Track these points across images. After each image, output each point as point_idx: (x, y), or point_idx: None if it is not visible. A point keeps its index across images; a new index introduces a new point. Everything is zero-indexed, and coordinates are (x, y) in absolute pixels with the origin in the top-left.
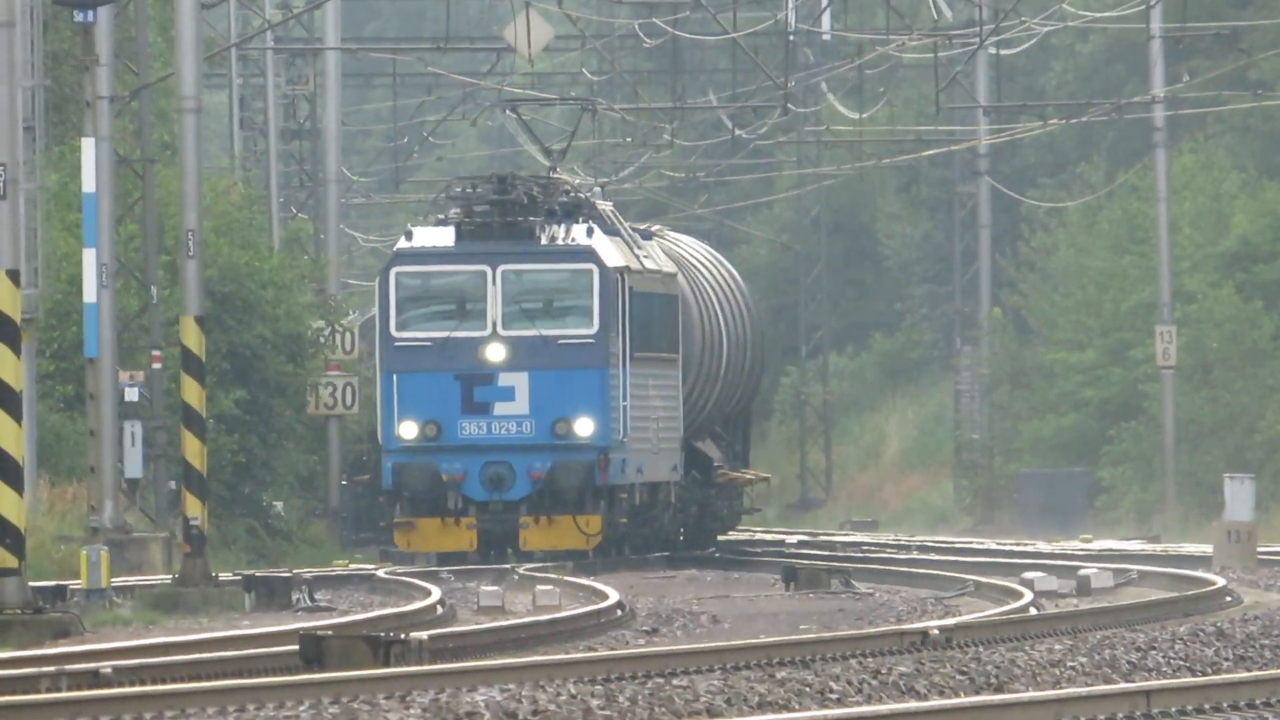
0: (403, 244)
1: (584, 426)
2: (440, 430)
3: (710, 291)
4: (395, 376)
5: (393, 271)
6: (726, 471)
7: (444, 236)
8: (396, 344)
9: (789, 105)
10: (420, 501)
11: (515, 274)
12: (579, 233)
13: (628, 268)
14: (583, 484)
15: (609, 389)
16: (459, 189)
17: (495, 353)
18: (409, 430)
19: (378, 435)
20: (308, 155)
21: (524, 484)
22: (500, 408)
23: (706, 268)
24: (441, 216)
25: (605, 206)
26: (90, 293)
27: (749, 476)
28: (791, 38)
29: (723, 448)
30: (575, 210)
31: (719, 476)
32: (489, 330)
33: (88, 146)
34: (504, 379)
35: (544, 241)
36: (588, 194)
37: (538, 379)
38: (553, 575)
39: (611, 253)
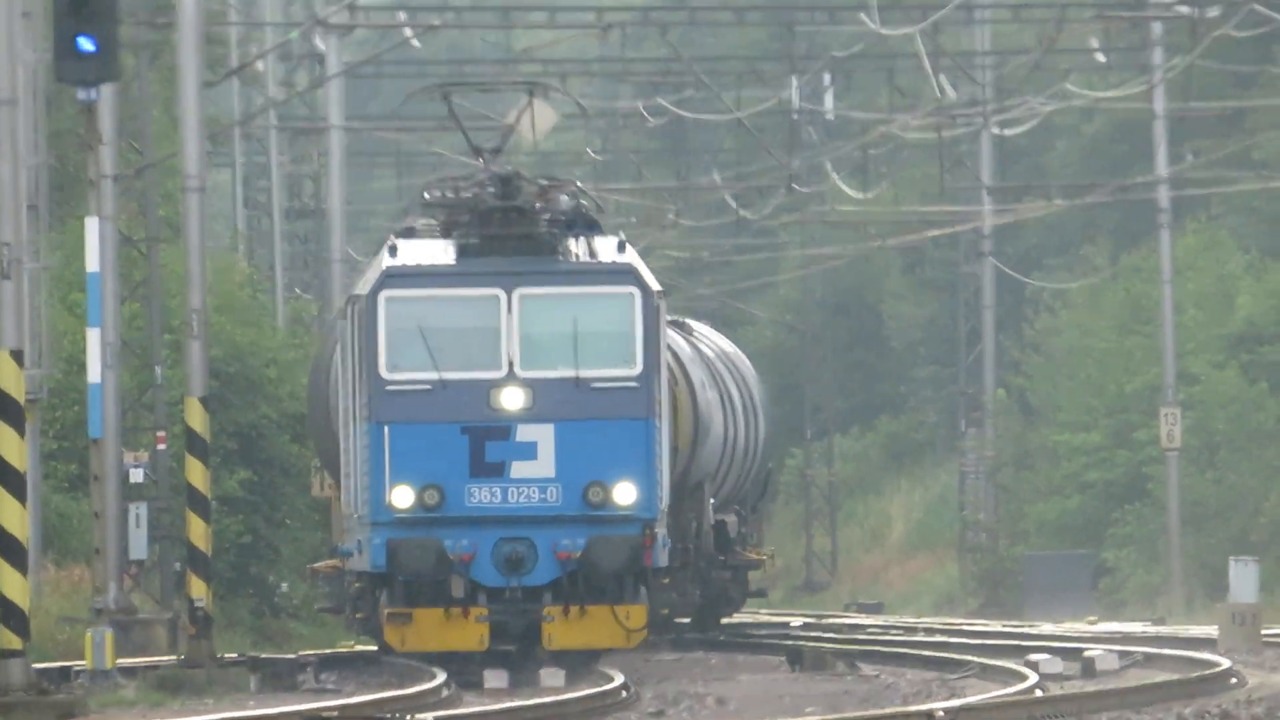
0: (389, 262)
1: (625, 493)
2: (443, 497)
3: None
4: (386, 428)
5: (381, 296)
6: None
7: (441, 253)
8: (388, 387)
9: (793, 185)
10: (419, 588)
11: (537, 299)
12: (607, 246)
13: (665, 292)
14: (625, 566)
15: (654, 446)
16: (438, 192)
17: (512, 399)
18: (403, 497)
19: (347, 503)
20: (312, 234)
21: (549, 566)
22: (518, 469)
23: None
24: (412, 226)
25: None
26: (94, 373)
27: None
28: (795, 117)
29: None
30: (589, 218)
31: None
32: (504, 370)
33: (91, 225)
34: (523, 432)
35: (569, 258)
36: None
37: (565, 432)
38: None
39: (648, 273)
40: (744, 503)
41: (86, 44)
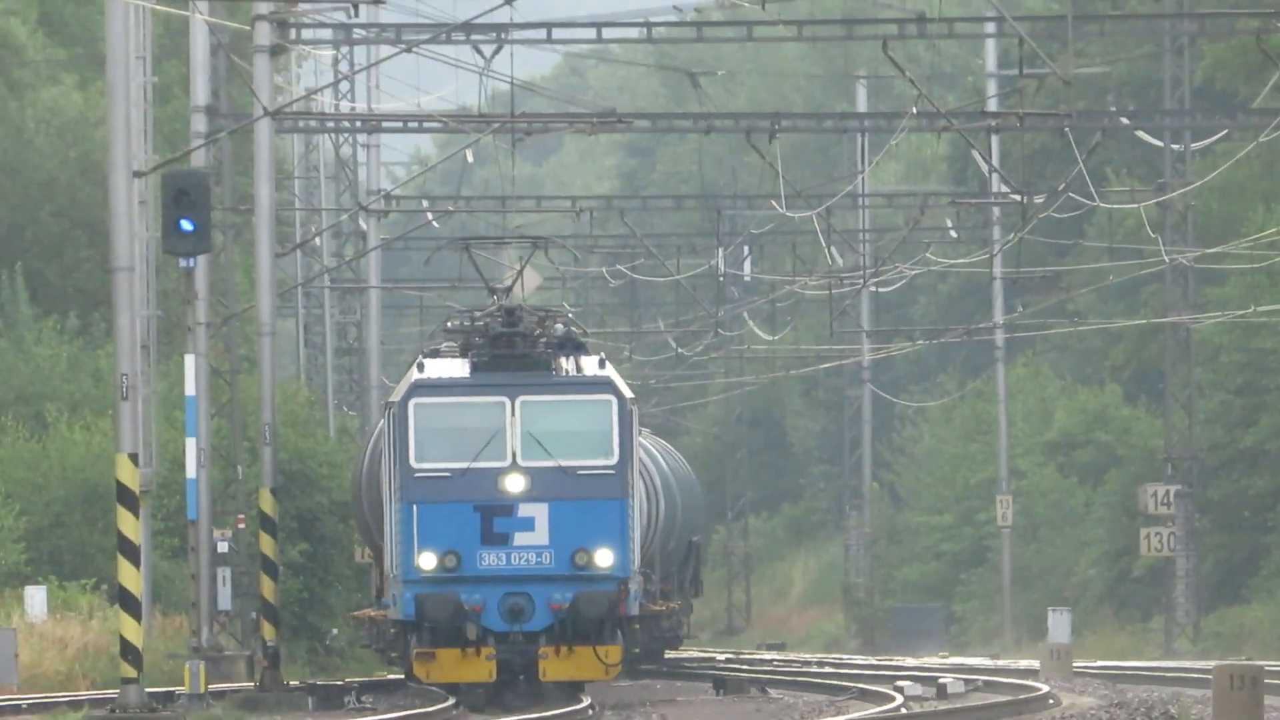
0: (418, 375)
1: (604, 557)
2: (460, 561)
3: None
4: (415, 507)
5: (411, 403)
6: None
7: (459, 368)
8: (416, 474)
9: (719, 329)
10: (440, 632)
11: (534, 405)
12: (590, 364)
13: (635, 399)
14: (605, 615)
15: (628, 520)
16: (457, 321)
17: (515, 483)
18: (429, 561)
19: (386, 566)
20: (355, 367)
21: (544, 614)
22: (520, 538)
23: None
24: (438, 347)
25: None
26: (191, 471)
27: None
28: (721, 279)
29: None
30: (577, 341)
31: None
32: (508, 461)
33: (189, 361)
34: (523, 509)
35: (560, 373)
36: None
37: (557, 509)
38: None
39: (622, 384)
40: (651, 565)
41: (187, 225)
